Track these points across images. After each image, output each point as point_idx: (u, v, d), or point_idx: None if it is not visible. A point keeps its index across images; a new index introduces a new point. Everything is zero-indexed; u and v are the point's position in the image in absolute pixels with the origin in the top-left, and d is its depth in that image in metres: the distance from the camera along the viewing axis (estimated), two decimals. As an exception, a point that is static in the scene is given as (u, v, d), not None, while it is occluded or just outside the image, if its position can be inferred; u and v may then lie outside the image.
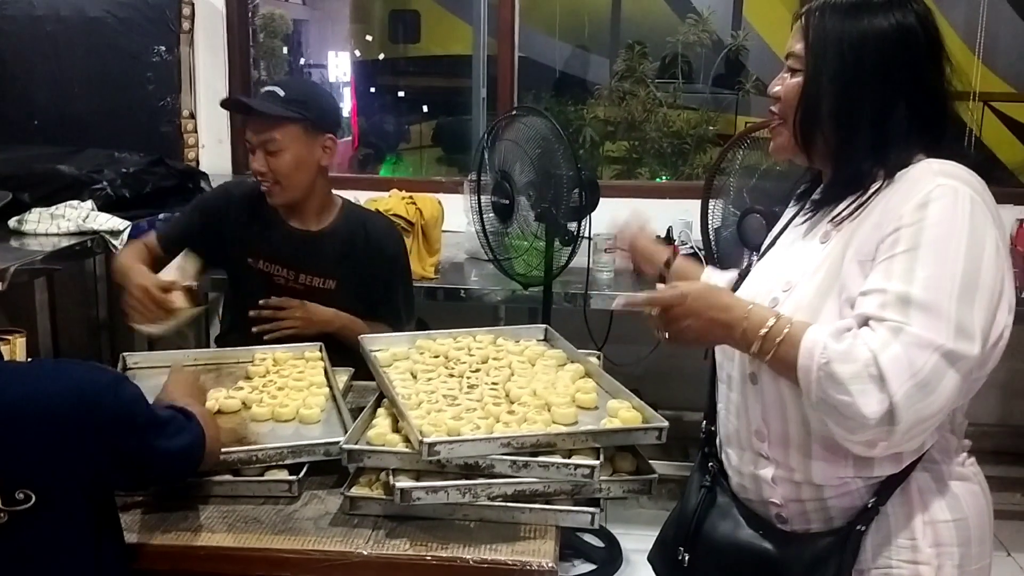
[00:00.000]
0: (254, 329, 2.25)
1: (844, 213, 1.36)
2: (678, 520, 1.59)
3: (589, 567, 3.14)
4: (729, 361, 1.47)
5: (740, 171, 2.81)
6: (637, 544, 3.25)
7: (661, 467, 3.08)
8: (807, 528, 1.41)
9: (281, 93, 2.19)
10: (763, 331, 1.28)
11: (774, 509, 1.43)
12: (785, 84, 1.42)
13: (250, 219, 2.34)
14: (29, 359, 1.38)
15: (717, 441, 1.56)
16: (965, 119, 5.30)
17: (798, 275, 1.39)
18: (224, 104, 2.41)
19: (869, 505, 1.36)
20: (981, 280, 1.22)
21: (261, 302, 2.26)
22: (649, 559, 1.67)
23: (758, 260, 1.56)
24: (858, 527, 1.36)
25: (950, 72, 1.37)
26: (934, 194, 1.25)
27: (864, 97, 1.34)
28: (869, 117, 1.35)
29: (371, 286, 2.35)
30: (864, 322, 1.23)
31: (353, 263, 2.33)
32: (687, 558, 1.53)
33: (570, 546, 3.14)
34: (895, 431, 1.19)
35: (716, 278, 1.69)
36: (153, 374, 2.04)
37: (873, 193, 1.33)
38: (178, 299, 2.08)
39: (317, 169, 2.26)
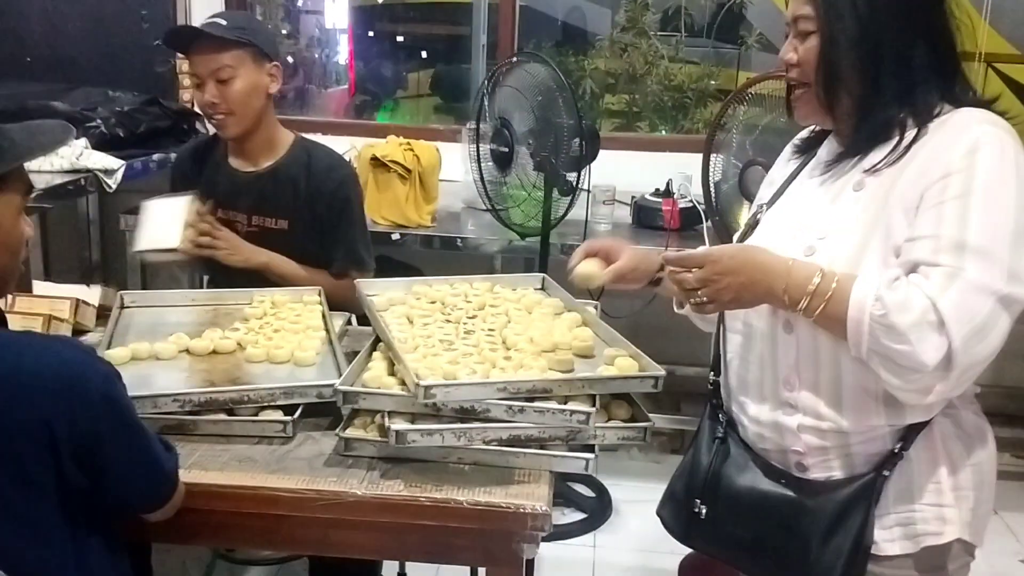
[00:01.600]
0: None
1: (880, 162, 1.36)
2: (691, 472, 1.58)
3: (579, 516, 3.17)
4: (754, 313, 1.45)
5: (742, 126, 2.79)
6: (627, 495, 3.28)
7: (654, 419, 3.13)
8: (829, 475, 1.43)
9: (223, 22, 2.18)
10: (810, 287, 1.28)
11: (795, 457, 1.44)
12: (801, 49, 1.39)
13: (201, 171, 2.35)
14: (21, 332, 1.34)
15: (724, 392, 1.56)
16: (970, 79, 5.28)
17: (832, 226, 1.38)
18: (168, 38, 2.32)
19: (896, 450, 1.38)
20: None
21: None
22: (658, 513, 1.66)
23: (766, 212, 1.55)
24: (884, 472, 1.38)
25: (955, 11, 1.38)
26: (983, 140, 1.27)
27: (884, 43, 1.34)
28: (893, 64, 1.35)
29: (319, 226, 2.29)
30: (912, 268, 1.25)
31: (300, 201, 2.28)
32: (704, 511, 1.53)
33: (560, 495, 3.16)
34: (950, 376, 1.23)
35: None
36: (150, 312, 2.05)
37: (912, 142, 1.34)
38: None
39: (267, 97, 2.25)
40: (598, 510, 3.20)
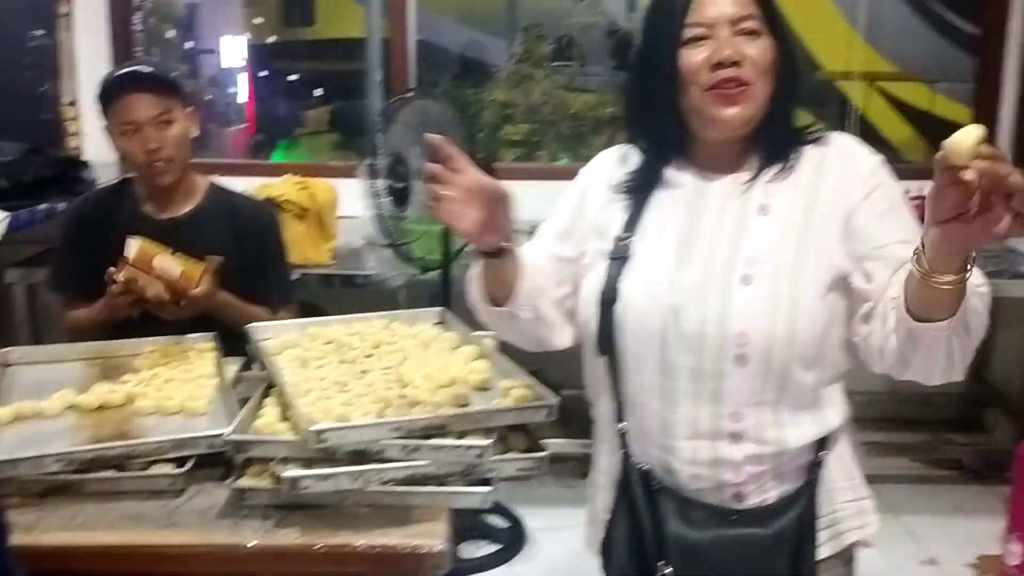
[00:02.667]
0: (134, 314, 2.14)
1: (772, 182, 1.42)
2: (631, 536, 1.46)
3: (494, 547, 3.16)
4: (691, 354, 1.39)
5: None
6: (541, 522, 3.29)
7: (563, 445, 3.15)
8: (763, 498, 1.43)
9: (147, 69, 2.17)
10: None
11: (732, 490, 1.43)
12: (754, 47, 1.37)
13: (112, 222, 2.28)
14: None
15: (638, 440, 1.48)
16: (849, 97, 5.51)
17: (755, 251, 1.38)
18: (108, 86, 2.22)
19: (817, 459, 1.42)
20: None
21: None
22: None
23: (628, 243, 1.47)
24: (810, 480, 1.42)
25: None
26: (873, 158, 1.41)
27: (798, 56, 1.42)
28: (798, 81, 1.42)
29: (244, 268, 2.28)
30: (900, 267, 1.30)
31: (222, 246, 2.26)
32: (670, 571, 1.42)
33: (474, 527, 3.15)
34: None
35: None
36: (37, 369, 1.99)
37: (792, 161, 1.42)
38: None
39: (192, 144, 2.26)
40: (512, 540, 3.20)
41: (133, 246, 2.08)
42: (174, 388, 1.82)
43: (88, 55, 3.67)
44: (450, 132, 2.69)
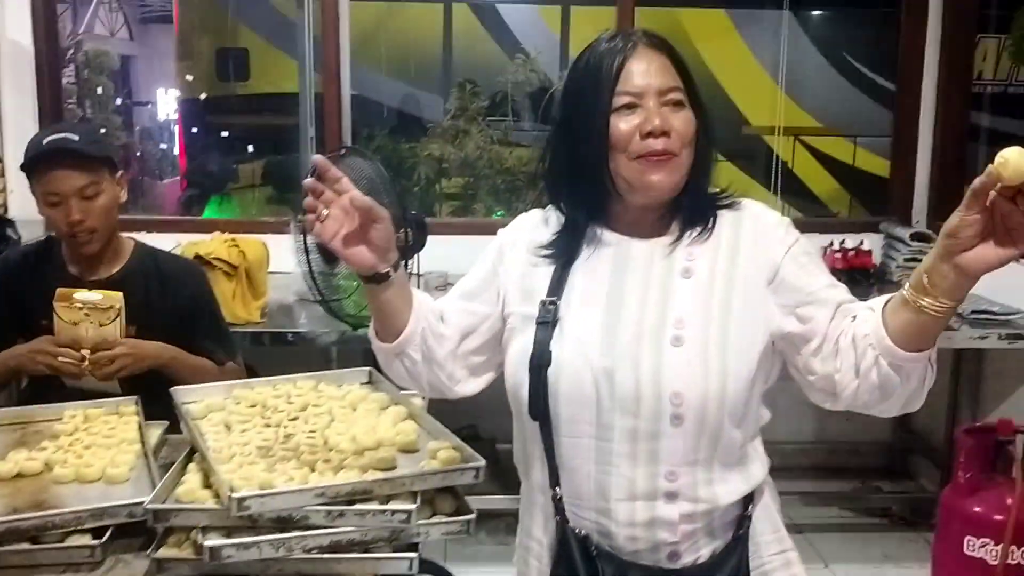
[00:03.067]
0: (68, 383, 2.13)
1: (692, 244, 1.46)
2: None
3: (430, 608, 3.11)
4: (628, 416, 1.40)
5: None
6: (475, 581, 3.25)
7: (498, 501, 3.13)
8: (697, 557, 1.44)
9: (75, 137, 2.14)
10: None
11: (667, 549, 1.43)
12: (679, 118, 1.41)
13: (35, 281, 2.25)
14: None
15: (571, 505, 1.47)
16: (776, 151, 5.68)
17: (681, 313, 1.42)
18: (32, 159, 2.18)
19: (747, 512, 1.46)
20: None
21: (69, 355, 2.13)
22: None
23: (555, 306, 1.47)
24: (739, 535, 1.45)
25: None
26: (783, 219, 1.50)
27: (713, 128, 1.48)
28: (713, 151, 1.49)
29: (175, 328, 2.28)
30: (836, 309, 1.41)
31: (150, 307, 2.26)
32: None
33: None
34: None
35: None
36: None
37: (711, 224, 1.47)
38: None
39: (120, 208, 2.25)
40: (449, 599, 3.15)
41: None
42: (95, 454, 1.78)
43: (13, 111, 3.62)
44: (381, 188, 2.71)
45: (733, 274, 1.44)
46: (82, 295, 2.12)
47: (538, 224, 1.58)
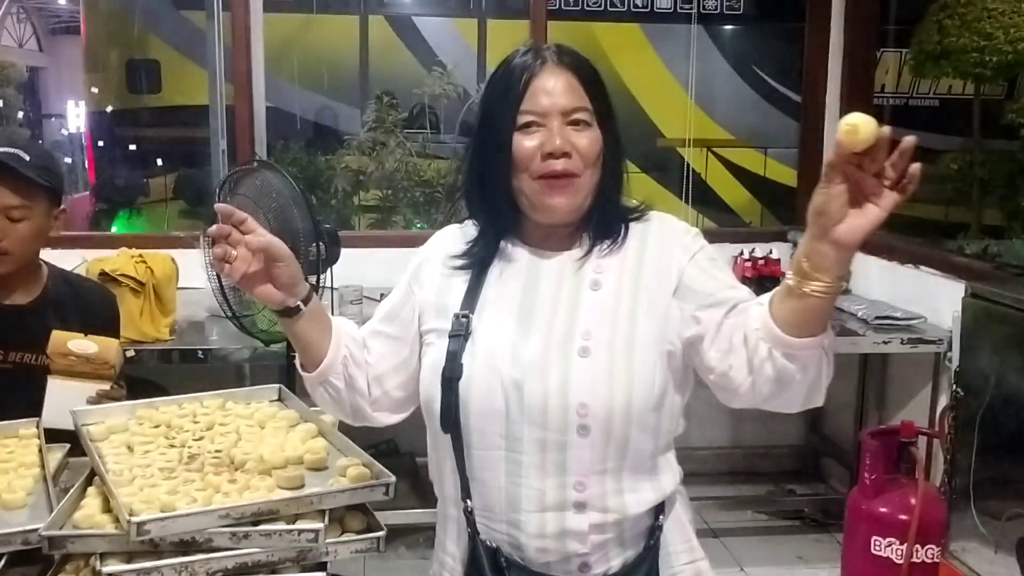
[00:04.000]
0: None
1: (601, 258, 1.47)
2: None
3: (349, 626, 3.08)
4: (536, 427, 1.40)
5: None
6: (396, 597, 3.22)
7: (418, 515, 3.12)
8: (607, 568, 1.44)
9: (26, 157, 2.06)
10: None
11: (578, 560, 1.43)
12: (583, 138, 1.42)
13: None
14: None
15: (483, 517, 1.47)
16: (688, 163, 5.79)
17: (590, 324, 1.42)
18: None
19: (658, 522, 1.46)
20: None
21: None
22: None
23: (467, 319, 1.48)
24: (650, 545, 1.45)
25: None
26: (690, 228, 1.52)
27: (622, 148, 1.49)
28: (624, 168, 1.51)
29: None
30: (732, 308, 1.40)
31: (70, 331, 2.17)
32: None
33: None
34: None
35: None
36: None
37: (620, 238, 1.49)
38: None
39: (45, 241, 2.17)
40: (367, 617, 3.12)
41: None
42: (-10, 480, 1.72)
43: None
44: (292, 201, 2.68)
45: (639, 285, 1.46)
46: (76, 345, 2.07)
47: (455, 238, 1.58)
